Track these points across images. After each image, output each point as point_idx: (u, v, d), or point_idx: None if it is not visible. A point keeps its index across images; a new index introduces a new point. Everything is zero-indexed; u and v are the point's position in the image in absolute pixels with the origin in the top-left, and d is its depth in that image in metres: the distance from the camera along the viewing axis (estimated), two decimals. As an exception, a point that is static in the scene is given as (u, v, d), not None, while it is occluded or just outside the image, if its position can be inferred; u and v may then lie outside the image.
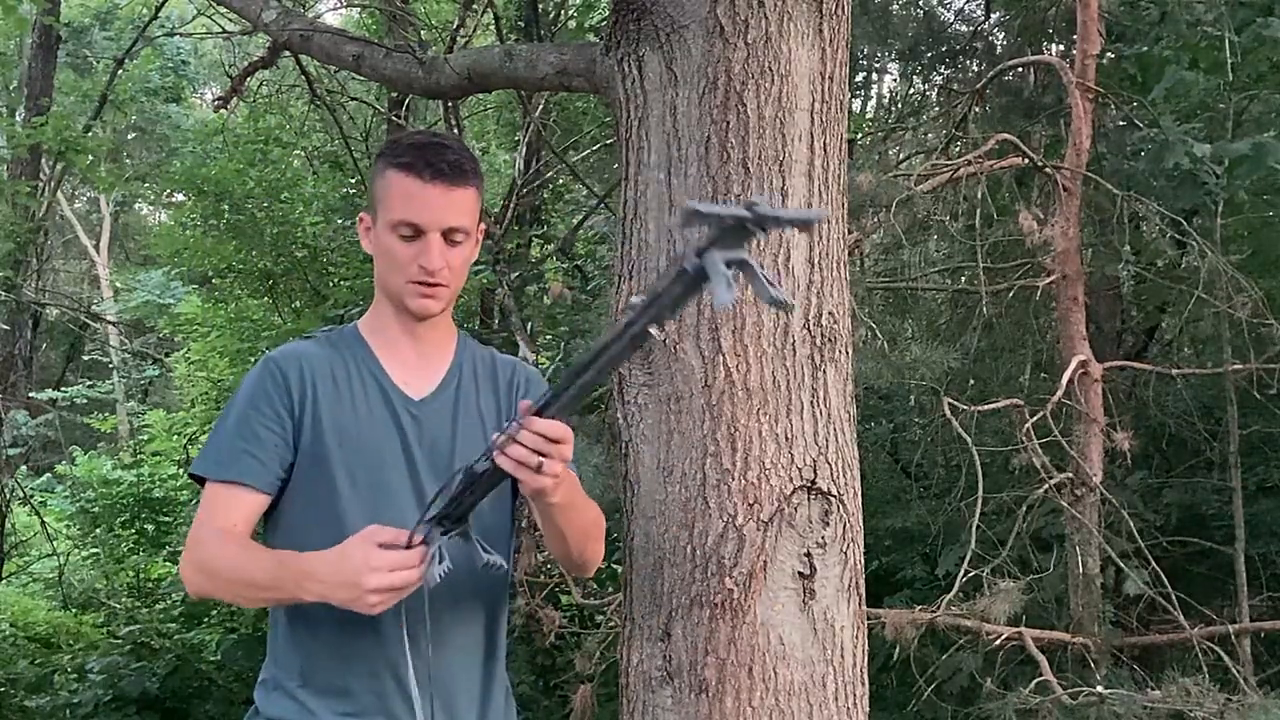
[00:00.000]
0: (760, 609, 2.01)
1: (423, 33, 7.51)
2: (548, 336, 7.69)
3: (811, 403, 2.08)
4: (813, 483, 2.05)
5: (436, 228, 1.74)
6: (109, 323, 14.74)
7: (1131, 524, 4.46)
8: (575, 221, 8.71)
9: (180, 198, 12.84)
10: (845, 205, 2.25)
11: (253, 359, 8.23)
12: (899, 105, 8.41)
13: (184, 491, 10.36)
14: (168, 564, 10.35)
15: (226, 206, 9.06)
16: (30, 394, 11.38)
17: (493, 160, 10.50)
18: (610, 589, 5.84)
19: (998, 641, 4.13)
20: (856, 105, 8.83)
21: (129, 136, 17.45)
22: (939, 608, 4.12)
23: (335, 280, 8.97)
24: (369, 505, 1.74)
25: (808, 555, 2.04)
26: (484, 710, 1.81)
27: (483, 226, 1.89)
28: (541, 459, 1.49)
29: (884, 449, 7.11)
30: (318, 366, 1.80)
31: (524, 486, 1.56)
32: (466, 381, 1.87)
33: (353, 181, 8.74)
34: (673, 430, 2.09)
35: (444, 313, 1.86)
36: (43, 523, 9.82)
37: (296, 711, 1.74)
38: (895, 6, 7.10)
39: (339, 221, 8.89)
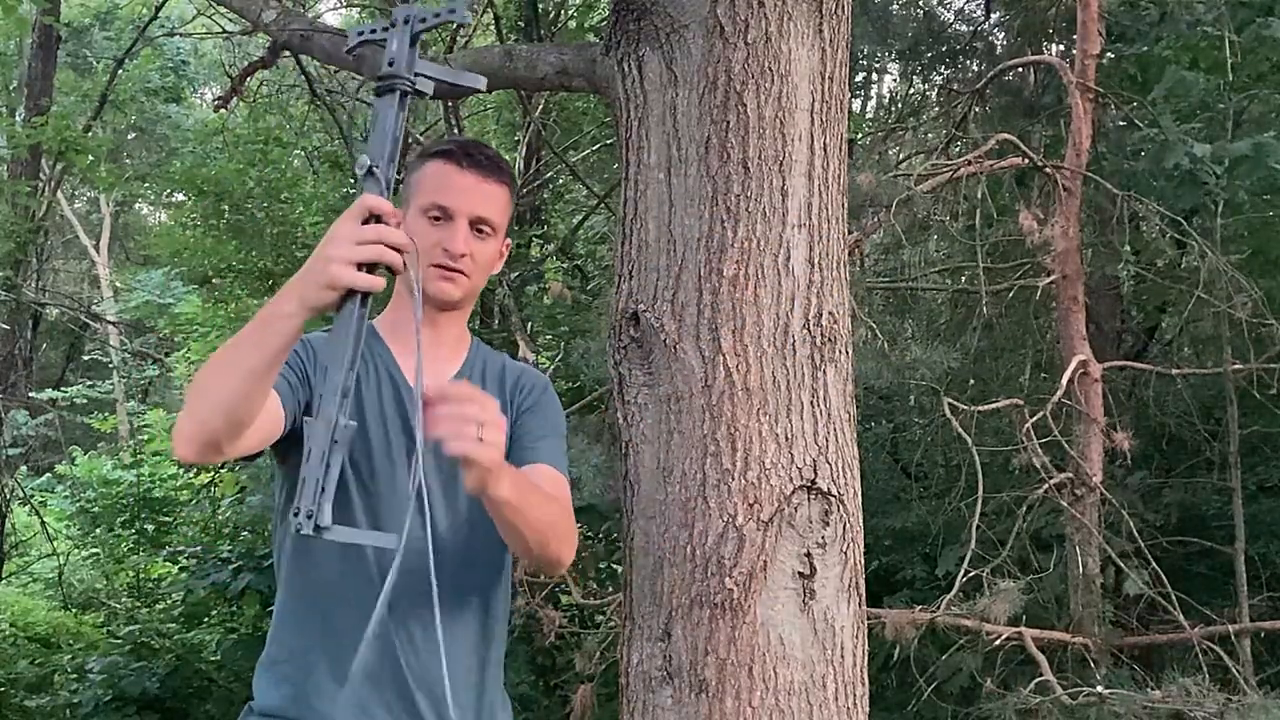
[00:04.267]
0: (760, 609, 2.01)
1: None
2: (548, 336, 7.69)
3: (811, 403, 2.08)
4: (813, 483, 2.05)
5: (465, 213, 1.79)
6: (109, 323, 14.71)
7: (1131, 524, 4.46)
8: (575, 221, 8.71)
9: (180, 198, 12.84)
10: (845, 205, 2.26)
11: (253, 359, 8.20)
12: (899, 105, 8.40)
13: (184, 491, 10.36)
14: (168, 564, 10.34)
15: (226, 206, 9.06)
16: (30, 394, 11.38)
17: (493, 160, 10.47)
18: (610, 589, 5.84)
19: (998, 641, 4.13)
20: (856, 105, 8.83)
21: (129, 136, 17.43)
22: (939, 608, 4.12)
23: (335, 280, 8.93)
24: (371, 497, 1.76)
25: (808, 555, 2.04)
26: (479, 706, 1.81)
27: (508, 242, 1.93)
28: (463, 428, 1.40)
29: (884, 449, 7.10)
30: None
31: (465, 478, 1.47)
32: (476, 381, 1.88)
33: (353, 181, 8.73)
34: (673, 430, 2.09)
35: (462, 310, 1.90)
36: (43, 523, 9.81)
37: (292, 703, 1.74)
38: (895, 6, 7.10)
39: (339, 222, 8.86)
